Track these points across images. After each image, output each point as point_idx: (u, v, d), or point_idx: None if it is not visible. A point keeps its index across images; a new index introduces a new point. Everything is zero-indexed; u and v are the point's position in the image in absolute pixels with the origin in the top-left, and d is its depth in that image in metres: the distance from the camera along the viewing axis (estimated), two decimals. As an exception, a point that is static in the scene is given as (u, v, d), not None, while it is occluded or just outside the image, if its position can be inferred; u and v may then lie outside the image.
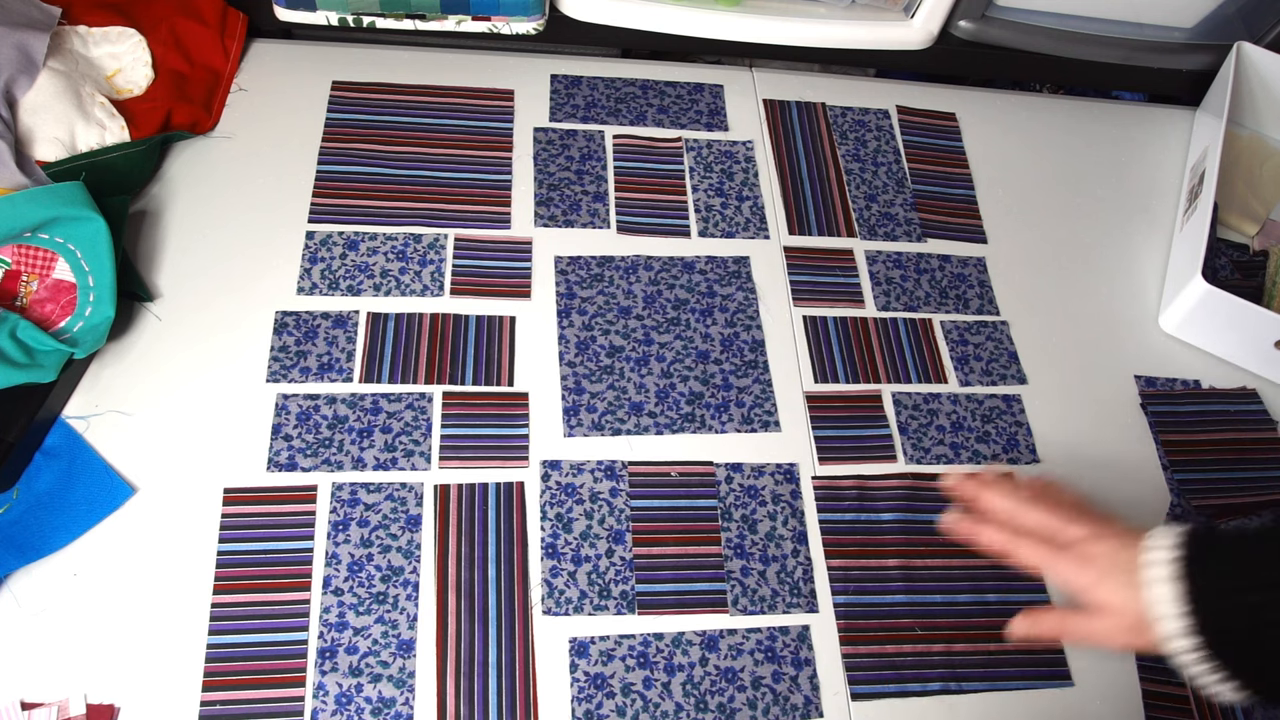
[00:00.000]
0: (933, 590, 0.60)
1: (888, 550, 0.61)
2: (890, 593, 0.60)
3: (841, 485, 0.63)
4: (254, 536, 0.56)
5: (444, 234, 0.69)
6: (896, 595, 0.60)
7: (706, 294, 0.70)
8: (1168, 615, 0.48)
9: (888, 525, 0.62)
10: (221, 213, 0.67)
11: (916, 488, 0.64)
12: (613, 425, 0.63)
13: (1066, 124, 0.85)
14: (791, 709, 0.55)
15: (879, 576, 0.60)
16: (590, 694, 0.54)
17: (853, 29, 0.80)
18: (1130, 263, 0.78)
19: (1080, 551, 0.53)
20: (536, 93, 0.78)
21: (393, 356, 0.63)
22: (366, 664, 0.53)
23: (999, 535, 0.55)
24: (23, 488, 0.55)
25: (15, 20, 0.63)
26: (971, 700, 0.57)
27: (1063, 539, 0.54)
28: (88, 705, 0.50)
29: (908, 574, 0.60)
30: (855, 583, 0.60)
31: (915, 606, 0.59)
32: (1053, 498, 0.57)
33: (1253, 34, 0.83)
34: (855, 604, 0.59)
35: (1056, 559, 0.53)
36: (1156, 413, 0.70)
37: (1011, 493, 0.56)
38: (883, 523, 0.62)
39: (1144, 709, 0.58)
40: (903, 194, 0.78)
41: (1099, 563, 0.52)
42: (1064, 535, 0.54)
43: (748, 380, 0.66)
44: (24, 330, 0.55)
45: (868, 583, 0.60)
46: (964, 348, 0.70)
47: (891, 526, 0.62)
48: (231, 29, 0.74)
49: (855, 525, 0.62)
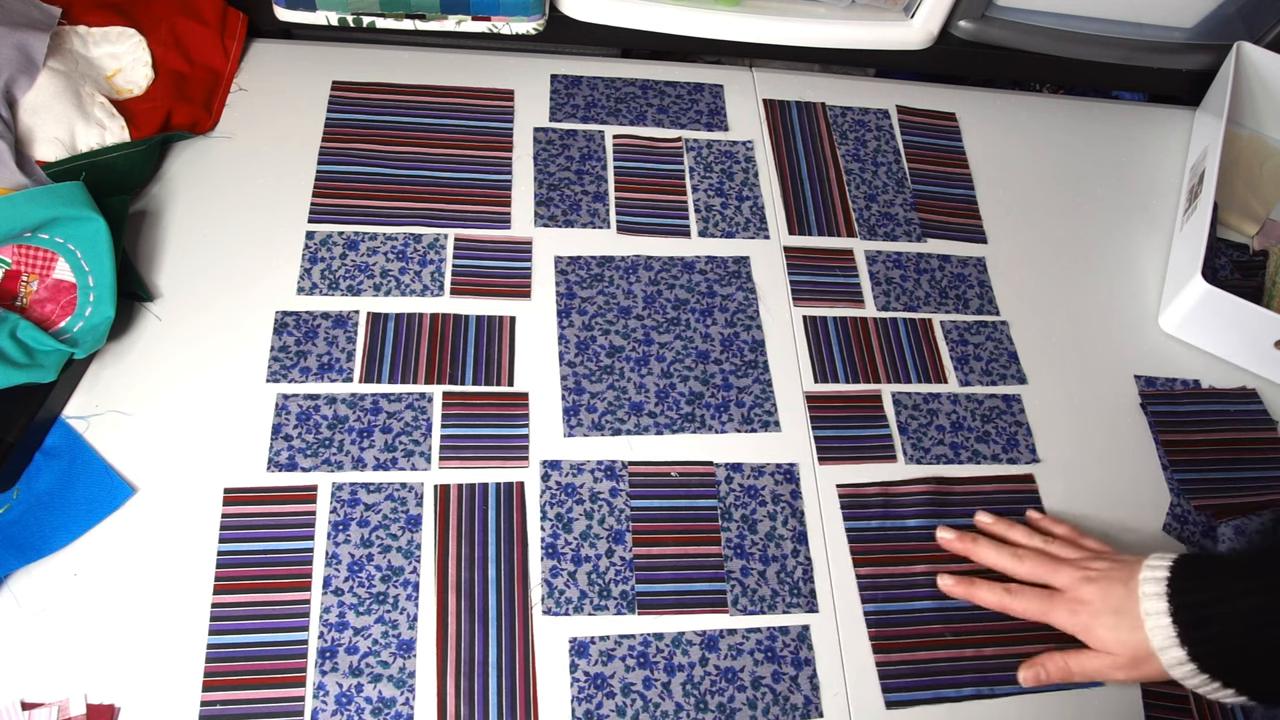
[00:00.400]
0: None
1: (915, 556, 0.61)
2: (919, 599, 0.60)
3: (866, 493, 0.63)
4: (254, 536, 0.56)
5: (444, 234, 0.69)
6: (925, 601, 0.60)
7: (706, 294, 0.70)
8: (1166, 643, 0.50)
9: (913, 531, 0.62)
10: (221, 213, 0.67)
11: (940, 493, 0.64)
12: (613, 425, 0.63)
13: (1066, 124, 0.85)
14: (791, 709, 0.55)
15: (907, 583, 0.60)
16: (590, 694, 0.54)
17: (853, 29, 0.80)
18: (1130, 263, 0.78)
19: (1072, 597, 0.55)
20: (536, 93, 0.78)
21: (393, 356, 0.63)
22: (366, 664, 0.53)
23: (994, 597, 0.58)
24: (23, 488, 0.55)
25: (15, 20, 0.63)
26: (1005, 704, 0.57)
27: (1056, 584, 0.56)
28: (88, 705, 0.50)
29: (935, 579, 0.60)
30: (883, 590, 0.60)
31: (944, 612, 0.59)
32: (1040, 539, 0.60)
33: (1253, 34, 0.83)
34: (885, 611, 0.59)
35: (1051, 609, 0.56)
36: (1156, 412, 0.70)
37: (1000, 546, 0.60)
38: (908, 529, 0.62)
39: (1144, 709, 0.58)
40: (903, 194, 0.78)
41: (1091, 605, 0.54)
42: (1056, 581, 0.56)
43: (748, 380, 0.66)
44: (24, 330, 0.55)
45: (896, 590, 0.60)
46: (964, 348, 0.70)
47: (917, 533, 0.62)
48: (231, 29, 0.74)
49: (882, 532, 0.62)
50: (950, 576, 0.59)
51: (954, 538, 0.61)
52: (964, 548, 0.60)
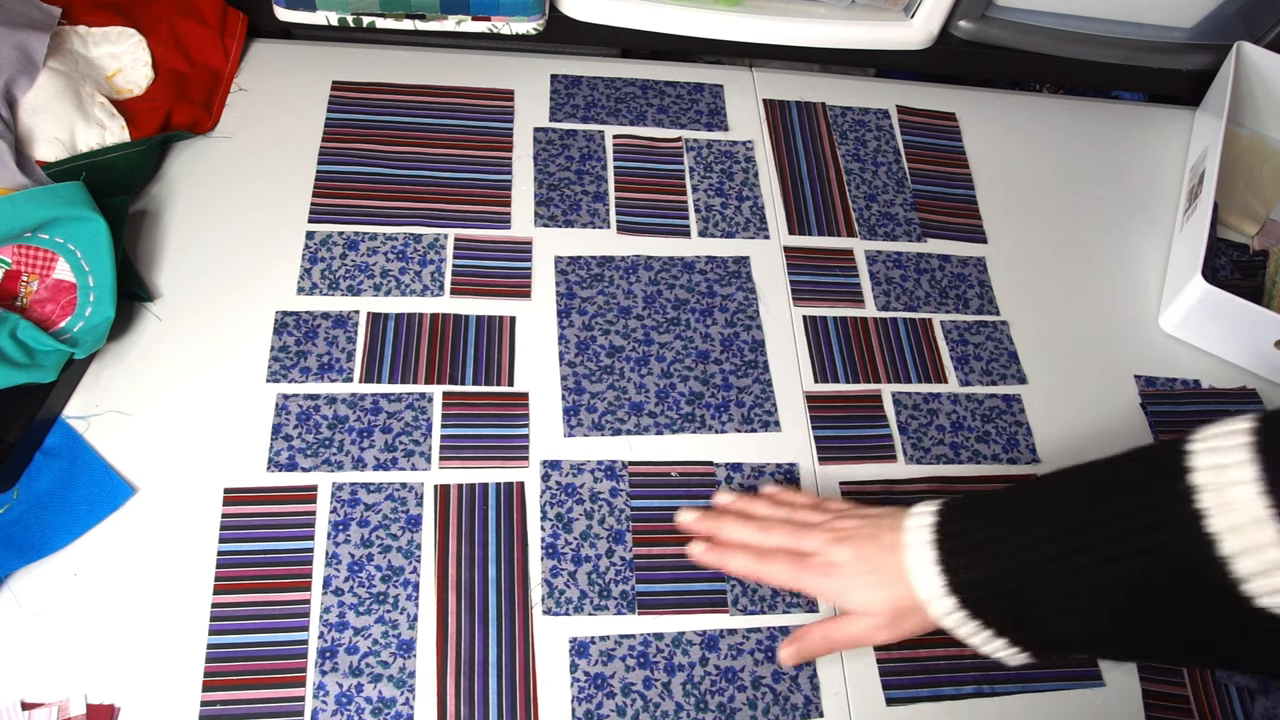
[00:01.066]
0: None
1: None
2: None
3: (870, 490, 0.63)
4: (254, 536, 0.56)
5: (444, 234, 0.69)
6: None
7: (706, 294, 0.70)
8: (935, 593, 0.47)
9: None
10: (221, 213, 0.67)
11: (940, 491, 0.64)
12: (613, 425, 0.63)
13: (1066, 124, 0.85)
14: (791, 709, 0.55)
15: None
16: (590, 694, 0.54)
17: (853, 29, 0.80)
18: (1130, 263, 0.78)
19: (823, 561, 0.51)
20: (536, 93, 0.78)
21: (393, 356, 0.63)
22: (366, 664, 0.53)
23: (744, 563, 0.54)
24: (23, 488, 0.55)
25: (15, 20, 0.63)
26: (1005, 702, 0.57)
27: (805, 549, 0.52)
28: (88, 705, 0.50)
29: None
30: None
31: None
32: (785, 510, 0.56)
33: (1253, 34, 0.83)
34: None
35: (801, 573, 0.52)
36: (1156, 412, 0.70)
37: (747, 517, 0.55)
38: None
39: (1144, 709, 0.58)
40: (903, 194, 0.78)
41: (844, 567, 0.50)
42: (805, 547, 0.52)
43: (748, 380, 0.66)
44: (24, 330, 0.55)
45: None
46: (964, 347, 0.70)
47: None
48: (231, 29, 0.74)
49: None
50: (701, 543, 0.55)
51: (696, 518, 0.57)
52: (708, 527, 0.56)
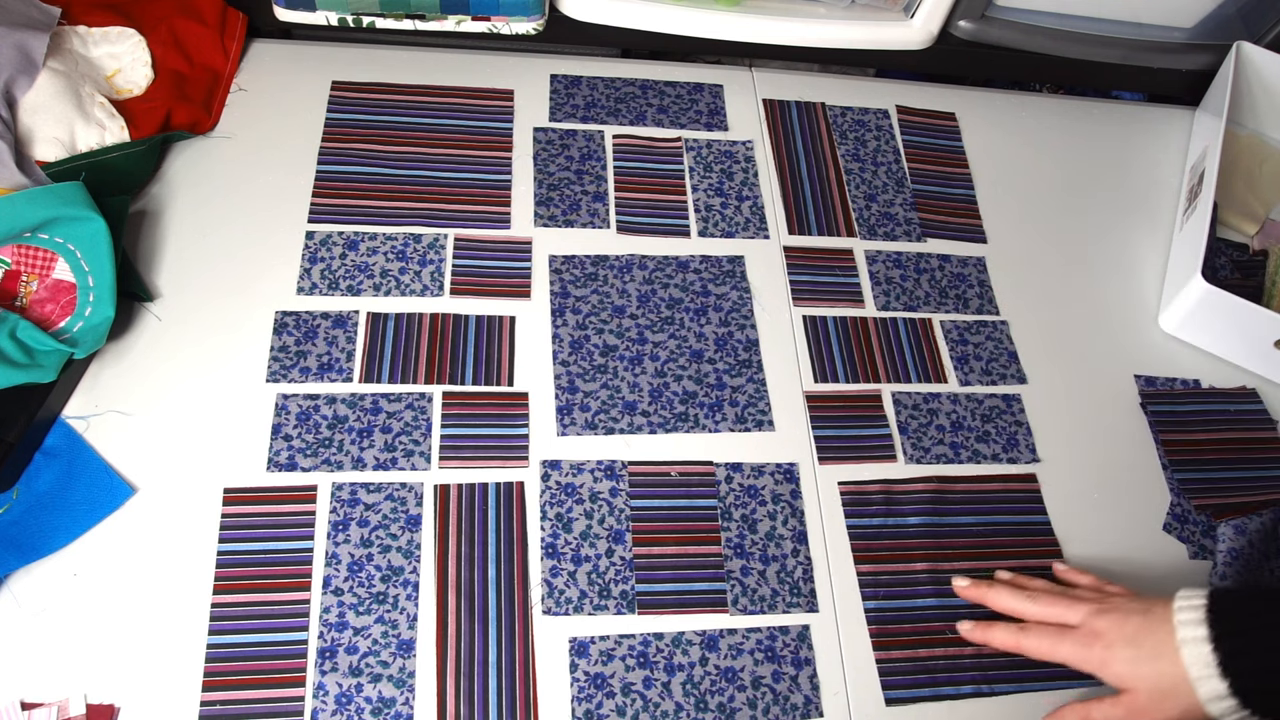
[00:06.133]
0: None
1: (915, 554, 0.61)
2: (920, 596, 0.60)
3: (868, 489, 0.63)
4: (254, 536, 0.56)
5: (444, 234, 0.69)
6: (926, 599, 0.60)
7: (701, 293, 0.70)
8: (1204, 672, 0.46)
9: (914, 529, 0.62)
10: (221, 213, 0.67)
11: (941, 491, 0.64)
12: (606, 425, 0.63)
13: (1066, 124, 0.85)
14: (791, 709, 0.55)
15: (908, 580, 0.60)
16: (590, 694, 0.54)
17: (853, 29, 0.80)
18: (1130, 262, 0.78)
19: (1085, 630, 0.51)
20: (536, 93, 0.78)
21: (393, 356, 0.63)
22: (366, 664, 0.53)
23: (1007, 635, 0.55)
24: (23, 488, 0.55)
25: (15, 20, 0.63)
26: (1004, 702, 0.57)
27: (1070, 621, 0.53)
28: (88, 705, 0.50)
29: (936, 577, 0.60)
30: (885, 587, 0.60)
31: (945, 610, 0.59)
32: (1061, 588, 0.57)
33: (1253, 34, 0.83)
34: (886, 609, 0.59)
35: (1060, 643, 0.52)
36: (1156, 412, 0.70)
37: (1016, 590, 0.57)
38: (909, 527, 0.62)
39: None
40: (902, 194, 0.78)
41: (1105, 637, 0.50)
42: (1069, 618, 0.53)
43: (741, 380, 0.66)
44: (24, 330, 0.55)
45: (897, 587, 0.60)
46: (964, 347, 0.70)
47: (918, 530, 0.62)
48: (231, 29, 0.74)
49: (883, 530, 0.62)
50: (969, 622, 0.58)
51: (969, 585, 0.59)
52: (978, 594, 0.58)
